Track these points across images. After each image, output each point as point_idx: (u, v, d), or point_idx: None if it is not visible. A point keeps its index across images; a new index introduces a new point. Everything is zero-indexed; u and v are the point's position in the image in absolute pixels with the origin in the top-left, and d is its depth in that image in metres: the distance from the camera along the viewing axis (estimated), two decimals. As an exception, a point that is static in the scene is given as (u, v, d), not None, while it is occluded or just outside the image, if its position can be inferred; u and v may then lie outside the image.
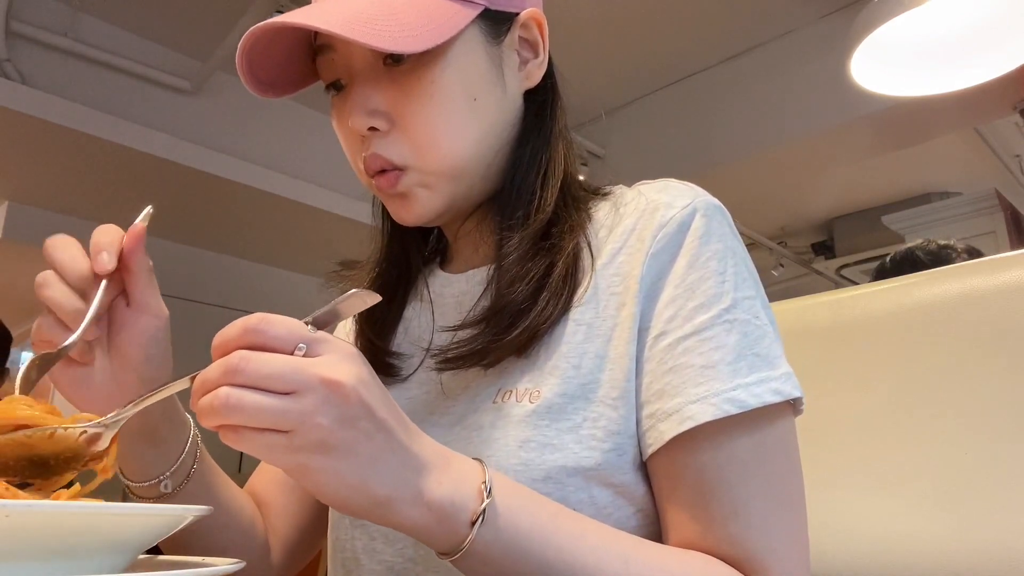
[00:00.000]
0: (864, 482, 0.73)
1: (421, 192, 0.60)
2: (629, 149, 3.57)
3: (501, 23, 0.62)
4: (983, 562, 0.64)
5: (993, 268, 0.71)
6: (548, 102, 0.66)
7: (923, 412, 0.71)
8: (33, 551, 0.36)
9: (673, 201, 0.58)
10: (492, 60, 0.61)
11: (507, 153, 0.64)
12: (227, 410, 0.40)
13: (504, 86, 0.62)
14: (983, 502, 0.65)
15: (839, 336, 0.79)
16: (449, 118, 0.58)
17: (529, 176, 0.63)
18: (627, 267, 0.58)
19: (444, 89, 0.57)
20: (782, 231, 4.99)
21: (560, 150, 0.65)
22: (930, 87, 2.09)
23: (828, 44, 2.86)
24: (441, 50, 0.57)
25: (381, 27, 0.53)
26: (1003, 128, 3.67)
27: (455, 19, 0.57)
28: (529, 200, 0.62)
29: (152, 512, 0.40)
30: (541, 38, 0.65)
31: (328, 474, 0.42)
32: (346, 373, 0.41)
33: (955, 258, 1.60)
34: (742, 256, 0.57)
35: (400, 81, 0.58)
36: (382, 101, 0.58)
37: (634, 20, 2.96)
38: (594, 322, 0.57)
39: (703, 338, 0.53)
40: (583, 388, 0.55)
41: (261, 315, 0.42)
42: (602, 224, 0.62)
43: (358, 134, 0.59)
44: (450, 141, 0.58)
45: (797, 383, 0.54)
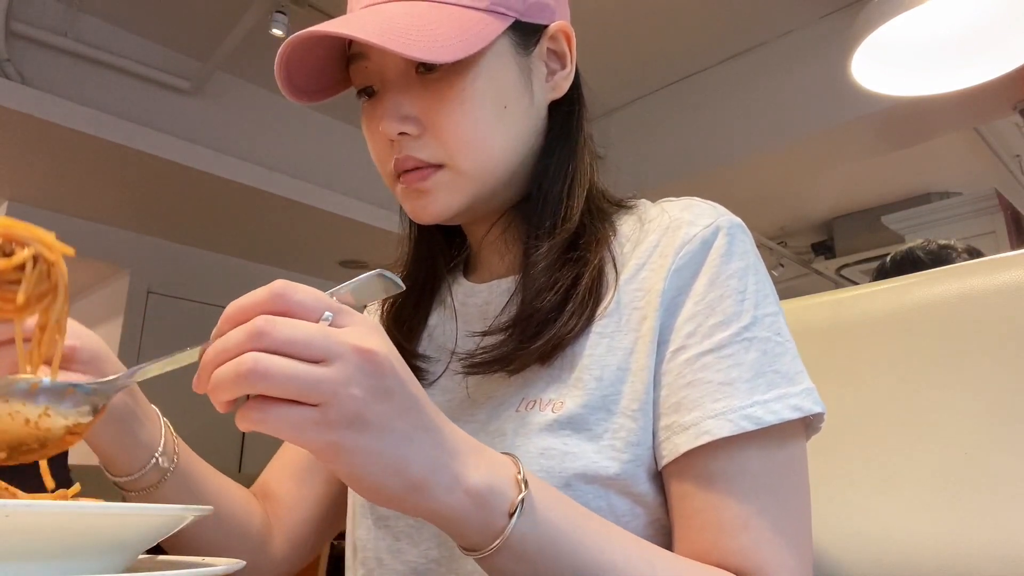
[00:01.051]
0: (863, 482, 0.73)
1: (443, 192, 0.61)
2: (629, 149, 3.57)
3: (531, 35, 0.63)
4: (983, 562, 0.64)
5: (993, 268, 0.71)
6: (574, 113, 0.67)
7: (923, 412, 0.71)
8: (33, 551, 0.36)
9: (696, 220, 0.59)
10: (521, 70, 0.62)
11: (532, 162, 0.65)
12: (255, 377, 0.37)
13: (532, 96, 0.63)
14: (983, 502, 0.65)
15: (839, 336, 0.79)
16: (479, 124, 0.59)
17: (556, 185, 0.64)
18: (650, 282, 0.58)
19: (475, 97, 0.59)
20: (782, 231, 4.99)
21: (586, 160, 0.66)
22: (930, 87, 2.09)
23: (828, 44, 2.86)
24: (473, 59, 0.58)
25: (415, 37, 0.55)
26: (1003, 128, 3.67)
27: (487, 30, 0.58)
28: (556, 209, 0.63)
29: (152, 512, 0.40)
30: (569, 50, 0.66)
31: (362, 454, 0.39)
32: (378, 343, 0.40)
33: (955, 258, 1.60)
34: (763, 274, 0.58)
35: (432, 88, 0.59)
36: (413, 107, 0.60)
37: (634, 20, 2.96)
38: (616, 335, 0.58)
39: (722, 355, 0.54)
40: (604, 400, 0.55)
41: (284, 281, 0.40)
42: (627, 238, 0.63)
43: (388, 139, 0.61)
44: (480, 145, 0.60)
45: (818, 398, 0.54)
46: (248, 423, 0.38)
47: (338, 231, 3.68)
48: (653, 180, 3.45)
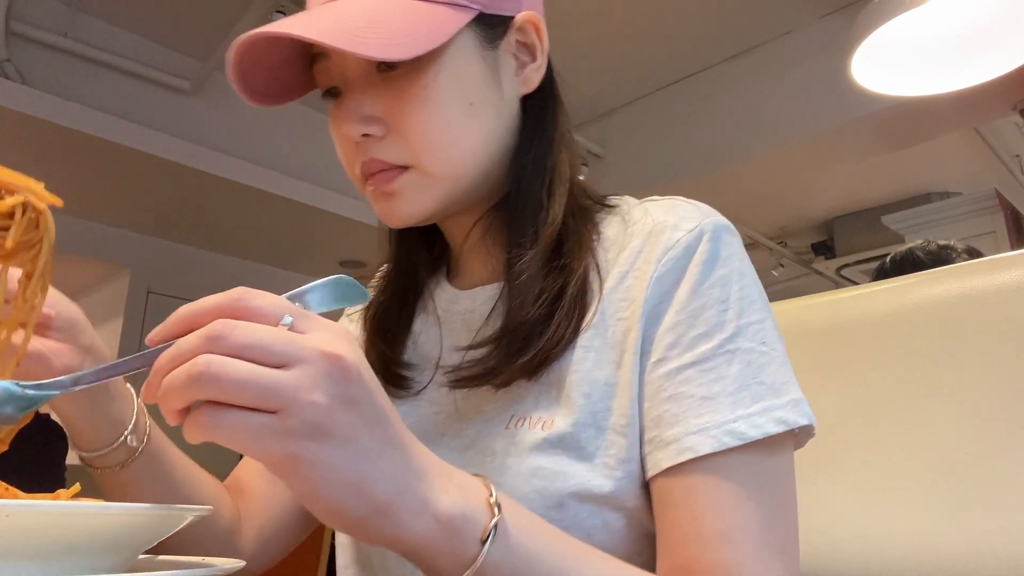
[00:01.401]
0: (863, 481, 0.73)
1: (411, 194, 0.59)
2: (629, 149, 3.57)
3: (496, 27, 0.61)
4: (983, 562, 0.64)
5: (993, 268, 0.71)
6: (548, 107, 0.65)
7: (923, 412, 0.71)
8: (33, 551, 0.36)
9: (679, 223, 0.58)
10: (488, 65, 0.60)
11: (508, 160, 0.63)
12: (207, 378, 0.34)
13: (501, 91, 0.61)
14: (983, 502, 0.65)
15: (839, 336, 0.79)
16: (445, 122, 0.57)
17: (534, 186, 0.62)
18: (633, 291, 0.57)
19: (438, 94, 0.57)
20: (782, 231, 4.98)
21: (563, 156, 0.64)
22: (930, 87, 2.09)
23: (828, 44, 2.86)
24: (434, 55, 0.57)
25: (369, 35, 0.53)
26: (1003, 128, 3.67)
27: (447, 25, 0.56)
28: (536, 212, 0.61)
29: (152, 512, 0.40)
30: (539, 41, 0.64)
31: (322, 469, 0.36)
32: (346, 349, 0.37)
33: (955, 258, 1.60)
34: (749, 278, 0.57)
35: (394, 87, 0.57)
36: (376, 107, 0.58)
37: (634, 20, 2.96)
38: (602, 348, 0.56)
39: (704, 368, 0.52)
40: (594, 417, 0.54)
41: (243, 288, 0.38)
42: (612, 242, 0.61)
43: (352, 141, 0.59)
44: (446, 144, 0.58)
45: (806, 409, 0.53)
46: (197, 430, 0.35)
47: (338, 231, 3.68)
48: (653, 180, 3.44)
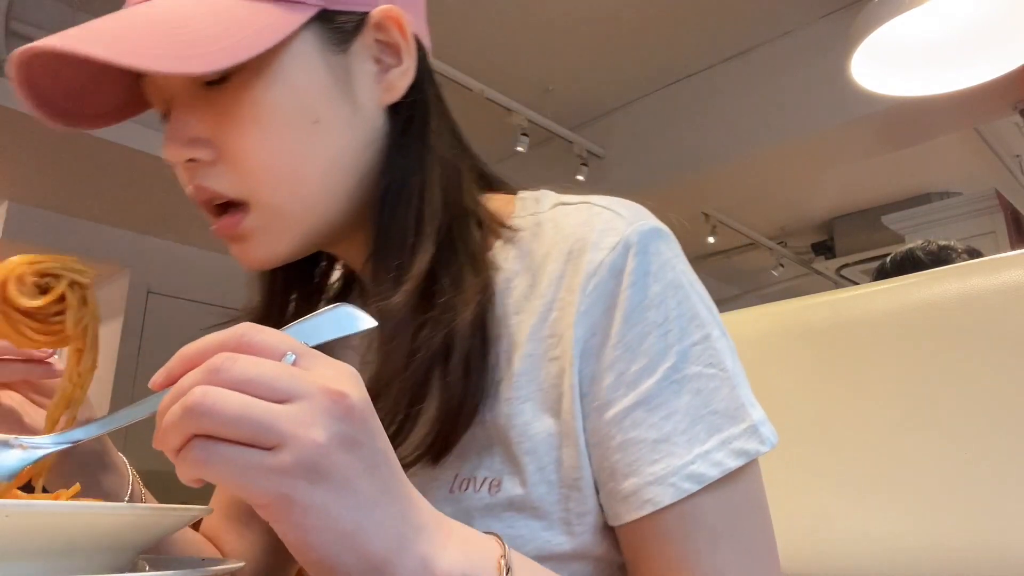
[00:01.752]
0: (863, 481, 0.73)
1: (263, 234, 0.52)
2: (629, 149, 3.57)
3: (345, 26, 0.52)
4: (983, 562, 0.64)
5: (993, 268, 0.71)
6: (416, 117, 0.55)
7: (923, 412, 0.71)
8: (33, 551, 0.36)
9: (600, 240, 0.50)
10: (335, 72, 0.51)
11: (372, 181, 0.54)
12: (202, 411, 0.32)
13: (355, 102, 0.52)
14: (983, 502, 0.65)
15: (839, 336, 0.79)
16: (281, 144, 0.49)
17: (398, 211, 0.52)
18: (561, 326, 0.49)
19: (271, 111, 0.49)
20: (782, 231, 4.99)
21: (436, 175, 0.54)
22: (930, 87, 2.09)
23: (828, 44, 2.86)
24: (262, 65, 0.48)
25: (162, 43, 0.44)
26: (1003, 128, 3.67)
27: (275, 27, 0.47)
28: (399, 245, 0.52)
29: (152, 512, 0.40)
30: (403, 40, 0.54)
31: (316, 514, 0.33)
32: (350, 386, 0.35)
33: (955, 259, 1.60)
34: (687, 287, 0.50)
35: (220, 104, 0.49)
36: (202, 127, 0.50)
37: (634, 20, 2.96)
38: (537, 395, 0.49)
39: (651, 407, 0.46)
40: (542, 473, 0.48)
41: (246, 323, 0.36)
42: (522, 268, 0.53)
43: (180, 165, 0.51)
44: (285, 173, 0.50)
45: (766, 432, 0.48)
46: (188, 466, 0.32)
47: (338, 231, 3.69)
48: (653, 180, 3.44)
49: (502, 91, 3.08)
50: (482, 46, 3.02)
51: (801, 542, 0.74)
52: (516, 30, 2.97)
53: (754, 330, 0.87)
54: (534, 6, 2.84)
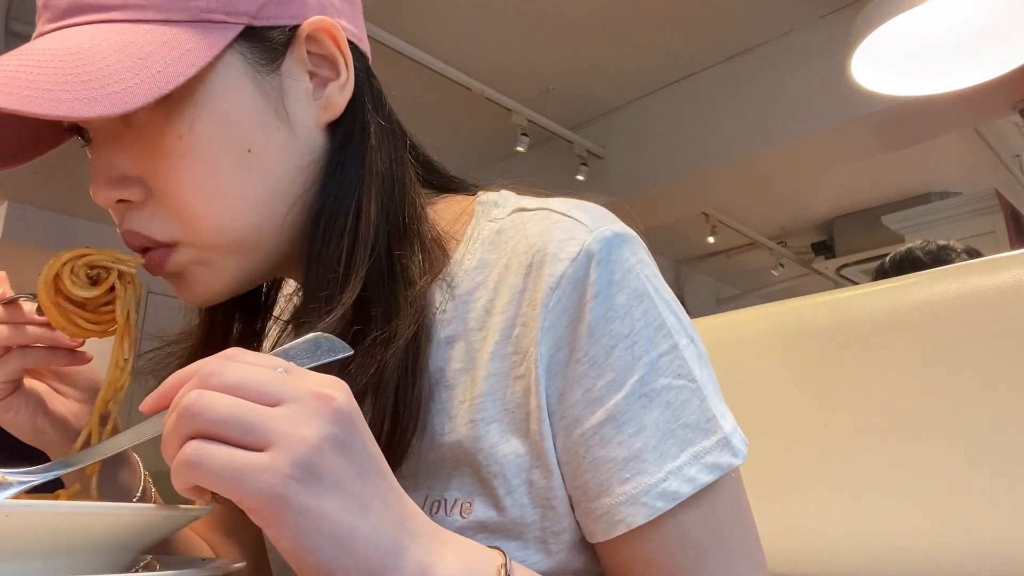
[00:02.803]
0: (863, 481, 0.73)
1: (198, 270, 0.49)
2: (629, 149, 3.57)
3: (273, 42, 0.48)
4: (983, 562, 0.64)
5: (993, 268, 0.71)
6: (355, 133, 0.52)
7: (922, 412, 0.71)
8: (33, 551, 0.36)
9: (560, 250, 0.47)
10: (266, 94, 0.48)
11: (308, 204, 0.51)
12: (194, 412, 0.32)
13: (290, 124, 0.49)
14: (982, 502, 0.65)
15: (839, 336, 0.79)
16: (214, 180, 0.46)
17: (331, 237, 0.49)
18: (525, 343, 0.47)
19: (199, 144, 0.45)
20: (782, 231, 4.99)
21: (375, 193, 0.50)
22: (930, 87, 2.09)
23: (828, 44, 2.86)
24: (188, 93, 0.45)
25: (71, 83, 0.41)
26: (1003, 128, 3.67)
27: (192, 55, 0.44)
28: (331, 273, 0.48)
29: (152, 512, 0.40)
30: (339, 52, 0.50)
31: (310, 516, 0.32)
32: (338, 392, 0.35)
33: (955, 259, 1.60)
34: (654, 295, 0.48)
35: (145, 138, 0.46)
36: (128, 164, 0.47)
37: (634, 20, 2.96)
38: (503, 416, 0.48)
39: (620, 423, 0.45)
40: (513, 496, 0.47)
41: (236, 348, 0.36)
42: (476, 286, 0.51)
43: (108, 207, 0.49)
44: (221, 209, 0.47)
45: (738, 444, 0.47)
46: (183, 469, 0.32)
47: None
48: (653, 180, 3.45)
49: (502, 91, 3.09)
50: (482, 46, 3.02)
51: (800, 542, 0.75)
52: (516, 30, 2.97)
53: (754, 330, 0.87)
54: (534, 6, 2.84)
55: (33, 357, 0.53)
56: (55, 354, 0.54)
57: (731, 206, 4.38)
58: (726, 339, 0.88)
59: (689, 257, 5.27)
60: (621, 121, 3.60)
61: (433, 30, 2.88)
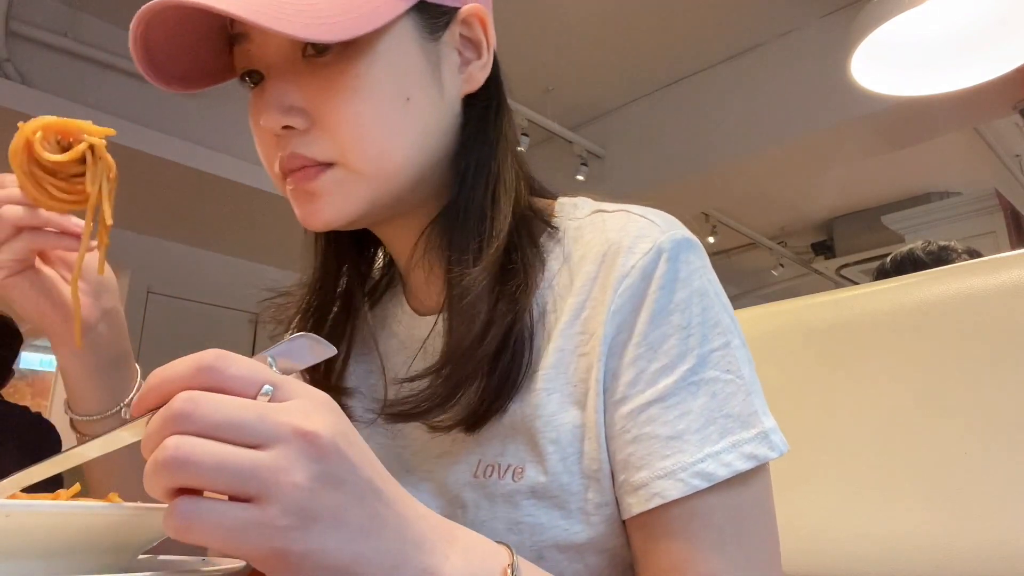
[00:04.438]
0: (864, 481, 0.73)
1: (335, 194, 0.54)
2: (629, 149, 3.57)
3: (439, 17, 0.56)
4: (983, 562, 0.64)
5: (993, 268, 0.71)
6: (491, 107, 0.59)
7: (923, 412, 0.71)
8: (33, 551, 0.36)
9: (634, 244, 0.52)
10: (428, 58, 0.55)
11: (446, 166, 0.58)
12: (176, 465, 0.31)
13: (441, 87, 0.56)
14: (983, 502, 0.65)
15: (839, 336, 0.79)
16: (377, 116, 0.52)
17: (476, 192, 0.56)
18: (592, 324, 0.52)
19: (372, 85, 0.52)
20: (782, 231, 4.99)
21: (509, 164, 0.58)
22: (930, 87, 2.09)
23: (828, 44, 2.86)
24: (368, 42, 0.51)
25: (293, 12, 0.48)
26: (1003, 128, 3.67)
27: (383, 9, 0.51)
28: (479, 223, 0.55)
29: (152, 512, 0.40)
30: (485, 37, 0.58)
31: (313, 557, 0.33)
32: (322, 423, 0.34)
33: (955, 259, 1.60)
34: (712, 297, 0.52)
35: (322, 75, 0.52)
36: (300, 97, 0.52)
37: (634, 20, 2.96)
38: (565, 388, 0.52)
39: (667, 405, 0.48)
40: (565, 464, 0.50)
41: (218, 351, 0.34)
42: (562, 265, 0.56)
43: (272, 134, 0.54)
44: (377, 141, 0.53)
45: (777, 440, 0.50)
46: (172, 524, 0.31)
47: (338, 231, 3.69)
48: (653, 180, 3.45)
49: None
50: (482, 46, 3.02)
51: (802, 542, 0.74)
52: (516, 30, 2.97)
53: (754, 330, 0.87)
54: (534, 6, 2.84)
55: (43, 239, 0.57)
56: (63, 239, 0.58)
57: (731, 206, 4.38)
58: (726, 339, 0.87)
59: (689, 257, 5.26)
60: (621, 121, 3.60)
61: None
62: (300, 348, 0.39)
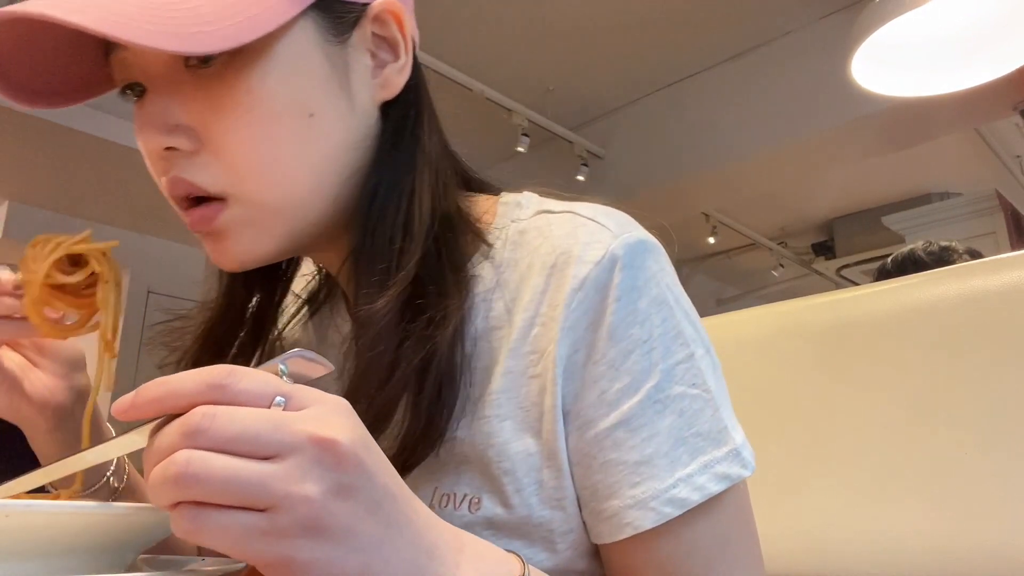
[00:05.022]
0: (863, 482, 0.73)
1: (244, 231, 0.48)
2: (629, 149, 3.57)
3: (345, 16, 0.49)
4: (983, 562, 0.64)
5: (993, 269, 0.71)
6: (409, 116, 0.53)
7: (923, 413, 0.71)
8: (33, 551, 0.36)
9: (584, 253, 0.47)
10: (333, 64, 0.49)
11: (360, 181, 0.51)
12: (187, 480, 0.30)
13: (351, 97, 0.50)
14: (983, 502, 0.65)
15: (839, 337, 0.79)
16: (274, 137, 0.46)
17: (387, 211, 0.50)
18: (543, 343, 0.47)
19: (266, 100, 0.46)
20: (782, 231, 4.99)
21: (426, 178, 0.51)
22: (930, 87, 2.09)
23: (829, 44, 2.86)
24: (259, 50, 0.45)
25: (164, 19, 0.41)
26: (1003, 129, 3.67)
27: (275, 10, 0.45)
28: (387, 253, 0.49)
29: (152, 512, 0.40)
30: (401, 36, 0.52)
31: (320, 567, 0.32)
32: (340, 429, 0.33)
33: (956, 260, 1.60)
34: (672, 304, 0.48)
35: (208, 89, 0.46)
36: (185, 114, 0.46)
37: (634, 20, 2.96)
38: (516, 414, 0.48)
39: (633, 428, 0.45)
40: (522, 495, 0.46)
41: (227, 367, 0.33)
42: (496, 285, 0.51)
43: (156, 154, 0.48)
44: (280, 167, 0.47)
45: (747, 455, 0.47)
46: (179, 528, 0.31)
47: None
48: (653, 180, 3.45)
49: (502, 91, 3.09)
50: (482, 46, 3.02)
51: (802, 543, 0.74)
52: (516, 30, 2.97)
53: (754, 331, 0.87)
54: (535, 6, 2.84)
55: (9, 329, 0.53)
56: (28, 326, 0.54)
57: (731, 206, 4.38)
58: (726, 340, 0.88)
59: (689, 257, 5.27)
60: (621, 121, 3.60)
61: (434, 31, 2.88)
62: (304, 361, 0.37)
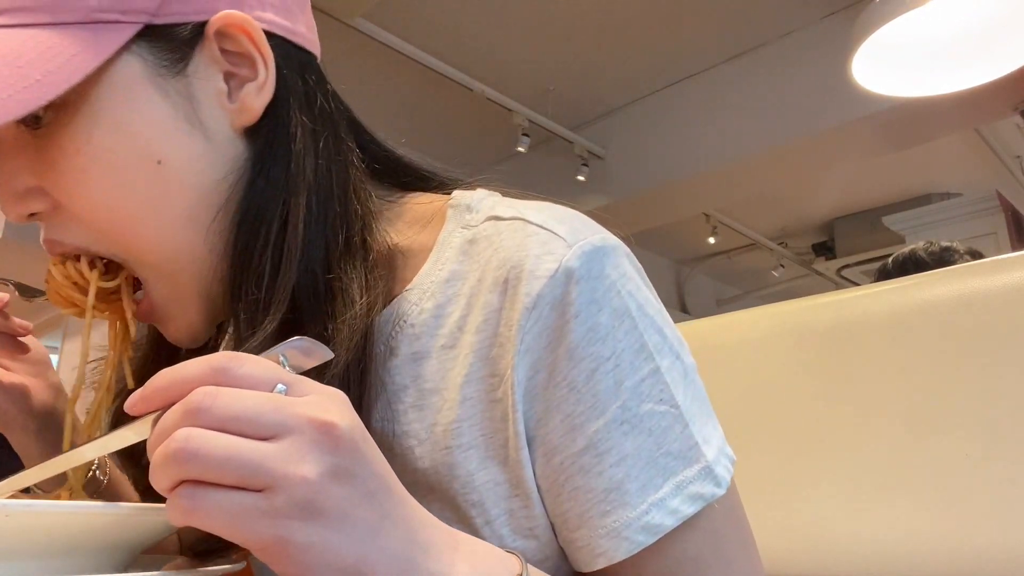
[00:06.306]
0: (863, 483, 0.73)
1: (171, 307, 0.47)
2: (629, 149, 3.57)
3: (178, 42, 0.44)
4: (983, 563, 0.64)
5: (994, 269, 0.71)
6: (278, 136, 0.46)
7: (924, 413, 0.71)
8: (33, 551, 0.36)
9: (537, 267, 0.43)
10: (173, 100, 0.44)
11: (231, 216, 0.47)
12: (184, 456, 0.30)
13: (204, 131, 0.45)
14: (983, 503, 0.65)
15: (839, 337, 0.79)
16: (122, 196, 0.42)
17: (253, 251, 0.45)
18: (501, 366, 0.44)
19: (101, 156, 0.42)
20: (782, 232, 4.99)
21: (306, 201, 0.45)
22: (930, 88, 2.09)
23: (829, 45, 2.86)
24: (80, 102, 0.41)
25: None
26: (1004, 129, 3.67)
27: (78, 58, 0.40)
28: (254, 293, 0.44)
29: (152, 512, 0.40)
30: (257, 50, 0.45)
31: (316, 551, 0.31)
32: (339, 415, 0.33)
33: (957, 260, 1.60)
34: (636, 315, 0.44)
35: (45, 150, 0.42)
36: (31, 177, 0.43)
37: (635, 20, 2.96)
38: (480, 442, 0.45)
39: (600, 452, 0.43)
40: (492, 527, 0.45)
41: (230, 353, 0.33)
42: (448, 300, 0.47)
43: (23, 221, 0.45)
44: (138, 224, 0.43)
45: (720, 471, 0.44)
46: (178, 513, 0.31)
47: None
48: (653, 180, 3.45)
49: (502, 91, 3.09)
50: (482, 46, 3.02)
51: (801, 543, 0.74)
52: (516, 30, 2.97)
53: (755, 331, 0.87)
54: (534, 6, 2.84)
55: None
56: (12, 342, 0.55)
57: (732, 206, 4.38)
58: (727, 340, 0.88)
59: (690, 258, 5.27)
60: (621, 121, 3.60)
61: (434, 30, 2.88)
62: (300, 352, 0.37)
